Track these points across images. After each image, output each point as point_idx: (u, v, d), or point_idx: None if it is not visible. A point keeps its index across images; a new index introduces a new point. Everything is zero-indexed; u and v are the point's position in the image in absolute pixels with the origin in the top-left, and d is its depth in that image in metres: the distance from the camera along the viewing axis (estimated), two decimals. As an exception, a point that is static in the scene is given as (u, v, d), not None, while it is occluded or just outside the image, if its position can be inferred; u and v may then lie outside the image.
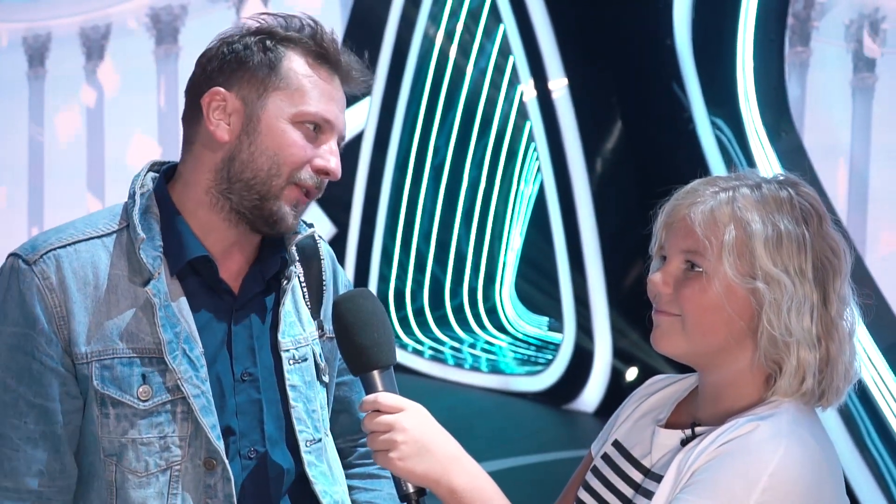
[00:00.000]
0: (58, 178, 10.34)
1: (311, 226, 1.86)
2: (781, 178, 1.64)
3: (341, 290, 1.91)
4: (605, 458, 1.74)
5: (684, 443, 1.62)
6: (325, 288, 1.87)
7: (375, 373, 1.61)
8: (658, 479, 1.61)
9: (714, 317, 1.59)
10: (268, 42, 1.70)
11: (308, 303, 1.84)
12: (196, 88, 1.73)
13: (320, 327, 1.85)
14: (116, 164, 9.98)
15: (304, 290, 1.84)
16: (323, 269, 1.87)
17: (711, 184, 1.63)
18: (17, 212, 10.43)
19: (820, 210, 1.62)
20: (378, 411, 1.59)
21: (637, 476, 1.67)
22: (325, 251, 1.89)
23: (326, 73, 1.72)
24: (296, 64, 1.70)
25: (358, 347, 1.61)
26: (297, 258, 1.82)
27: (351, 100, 1.78)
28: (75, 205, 9.87)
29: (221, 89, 1.69)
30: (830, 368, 1.59)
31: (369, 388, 1.62)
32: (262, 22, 1.74)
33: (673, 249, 1.63)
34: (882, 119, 5.65)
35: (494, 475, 1.64)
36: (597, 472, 1.73)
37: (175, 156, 1.82)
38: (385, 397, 1.59)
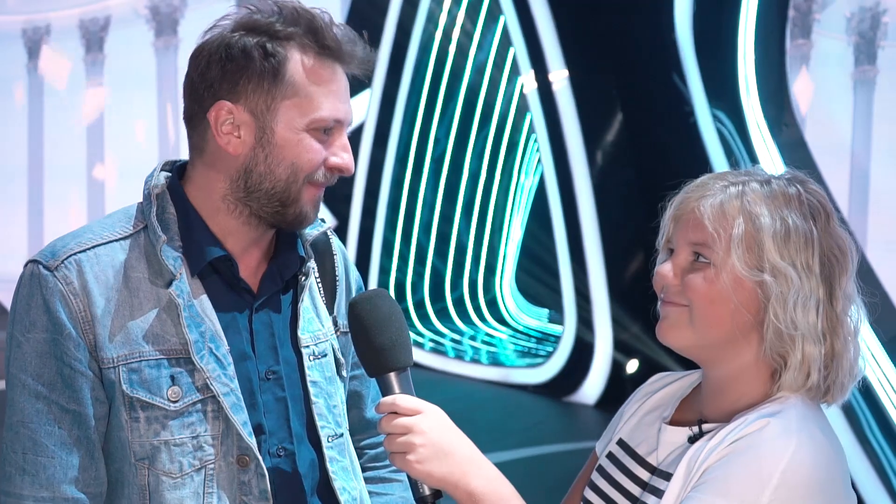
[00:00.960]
0: (57, 171, 10.33)
1: (323, 222, 1.85)
2: (790, 175, 1.66)
3: (353, 286, 1.91)
4: (611, 456, 1.73)
5: (692, 440, 1.62)
6: (338, 283, 1.87)
7: (392, 375, 1.60)
8: (666, 476, 1.61)
9: (720, 308, 1.60)
10: (268, 45, 1.66)
11: (324, 298, 1.83)
12: (197, 95, 1.70)
13: (335, 322, 1.84)
14: (115, 157, 9.97)
15: (320, 285, 1.83)
16: (336, 265, 1.87)
17: (721, 178, 1.65)
18: (16, 208, 10.42)
19: (827, 207, 1.64)
20: (395, 413, 1.58)
21: (644, 474, 1.67)
22: (338, 247, 1.89)
23: (329, 69, 1.69)
24: (299, 66, 1.67)
25: (375, 349, 1.60)
26: (312, 254, 1.82)
27: (352, 92, 1.77)
28: (74, 199, 9.87)
29: (227, 103, 1.66)
30: (835, 364, 1.60)
31: (386, 390, 1.61)
32: (255, 11, 1.69)
33: (681, 242, 1.64)
34: (883, 112, 5.65)
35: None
36: (602, 472, 1.73)
37: (173, 149, 1.80)
38: (403, 399, 1.59)
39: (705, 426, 1.62)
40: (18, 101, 10.56)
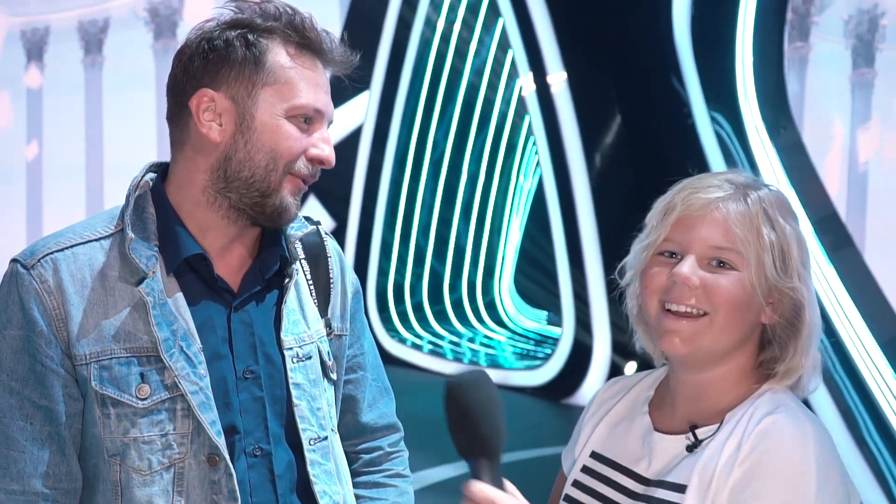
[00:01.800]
0: (56, 172, 10.33)
1: (317, 223, 1.86)
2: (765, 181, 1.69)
3: (349, 289, 1.91)
4: (588, 470, 1.71)
5: (690, 449, 1.61)
6: (332, 286, 1.86)
7: (483, 460, 1.55)
8: (668, 486, 1.59)
9: (743, 315, 1.59)
10: (249, 36, 1.69)
11: (315, 300, 1.83)
12: (180, 89, 1.72)
13: (328, 325, 1.84)
14: (115, 158, 9.97)
15: (311, 287, 1.83)
16: (330, 267, 1.87)
17: (726, 181, 1.63)
18: (15, 209, 10.42)
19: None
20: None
21: (631, 484, 1.65)
22: (332, 248, 1.89)
23: (310, 61, 1.72)
24: (280, 56, 1.70)
25: (473, 436, 1.55)
26: (303, 255, 1.82)
27: (350, 94, 1.78)
28: (73, 201, 9.86)
29: (209, 90, 1.69)
30: (812, 362, 1.64)
31: (476, 473, 1.55)
32: (238, 11, 1.72)
33: (698, 245, 1.61)
34: (881, 115, 5.65)
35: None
36: (582, 486, 1.71)
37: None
38: (480, 490, 1.51)
39: (699, 432, 1.61)
40: (17, 103, 10.56)
